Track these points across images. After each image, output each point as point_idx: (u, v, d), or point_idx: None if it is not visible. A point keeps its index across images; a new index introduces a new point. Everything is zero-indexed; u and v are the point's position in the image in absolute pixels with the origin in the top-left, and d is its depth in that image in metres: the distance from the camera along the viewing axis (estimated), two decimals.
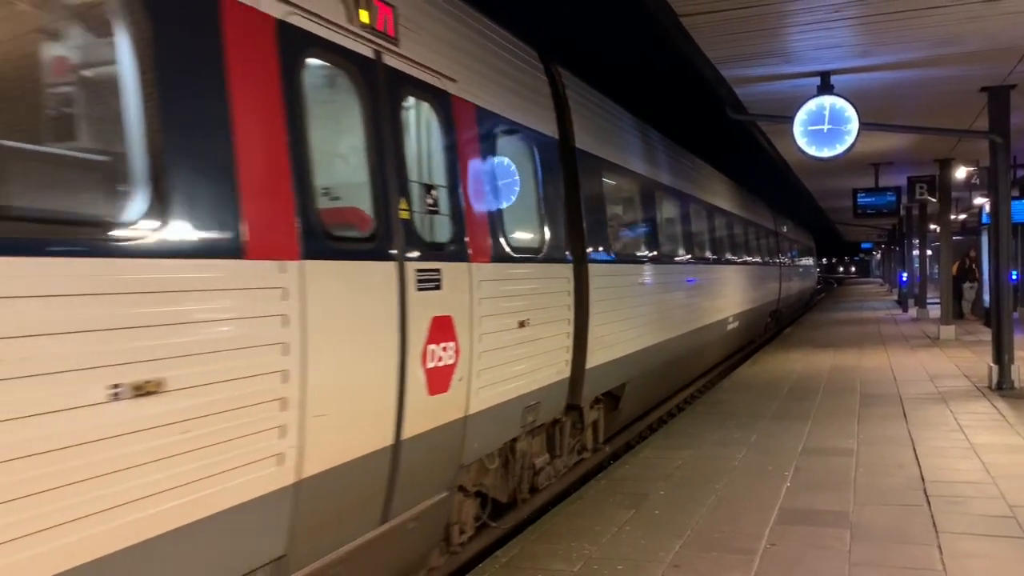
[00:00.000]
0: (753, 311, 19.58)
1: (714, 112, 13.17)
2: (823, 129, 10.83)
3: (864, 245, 77.98)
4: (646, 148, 11.12)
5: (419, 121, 5.20)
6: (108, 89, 3.13)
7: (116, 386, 2.82)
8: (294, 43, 3.91)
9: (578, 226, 7.68)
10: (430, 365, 4.86)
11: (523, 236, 6.64)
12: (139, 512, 2.94)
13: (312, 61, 4.10)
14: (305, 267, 3.77)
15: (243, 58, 3.57)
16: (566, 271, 7.25)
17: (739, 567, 5.23)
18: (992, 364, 11.87)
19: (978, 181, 18.58)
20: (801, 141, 10.94)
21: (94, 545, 2.78)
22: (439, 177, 5.24)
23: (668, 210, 11.86)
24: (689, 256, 12.81)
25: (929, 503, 6.42)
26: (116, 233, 2.92)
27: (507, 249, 6.07)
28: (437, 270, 4.94)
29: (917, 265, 28.24)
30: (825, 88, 10.74)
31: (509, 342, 5.98)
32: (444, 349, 5.00)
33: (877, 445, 8.44)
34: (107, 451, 2.80)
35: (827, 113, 10.77)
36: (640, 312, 9.63)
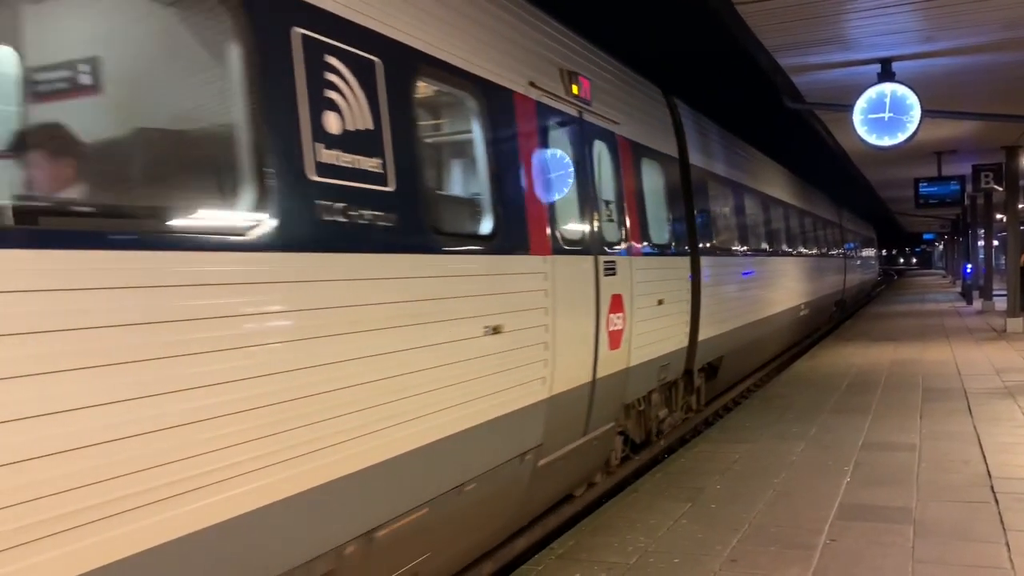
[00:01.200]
0: (821, 299, 20.88)
1: (772, 100, 13.02)
2: (884, 117, 10.59)
3: (926, 236, 75.93)
4: (734, 156, 12.80)
5: (599, 156, 6.99)
6: (469, 156, 5.36)
7: (486, 327, 4.80)
8: (543, 114, 5.89)
9: (692, 226, 9.75)
10: (610, 328, 6.77)
11: (659, 235, 8.49)
12: (490, 402, 4.91)
13: (548, 123, 6.01)
14: (555, 260, 5.76)
15: (524, 128, 5.59)
16: (686, 263, 9.34)
17: (798, 562, 5.17)
18: None
19: None
20: (861, 130, 10.73)
21: (480, 415, 4.79)
22: (610, 194, 7.17)
23: (753, 209, 13.74)
24: (770, 249, 14.76)
25: (996, 500, 6.25)
26: (485, 241, 5.04)
27: (651, 246, 8.05)
28: (613, 262, 6.91)
29: (982, 256, 27.43)
30: (886, 75, 10.49)
31: (652, 315, 7.87)
32: (618, 318, 6.94)
33: (941, 440, 8.24)
34: (481, 364, 4.78)
35: (888, 101, 10.53)
36: (734, 297, 11.63)
